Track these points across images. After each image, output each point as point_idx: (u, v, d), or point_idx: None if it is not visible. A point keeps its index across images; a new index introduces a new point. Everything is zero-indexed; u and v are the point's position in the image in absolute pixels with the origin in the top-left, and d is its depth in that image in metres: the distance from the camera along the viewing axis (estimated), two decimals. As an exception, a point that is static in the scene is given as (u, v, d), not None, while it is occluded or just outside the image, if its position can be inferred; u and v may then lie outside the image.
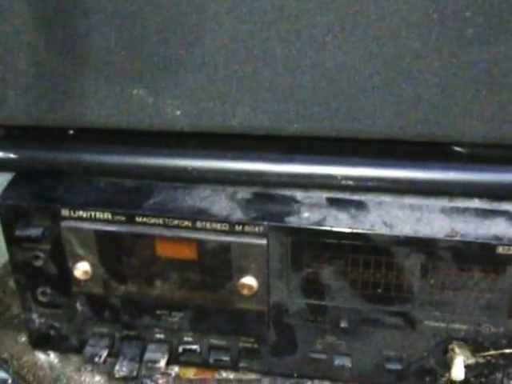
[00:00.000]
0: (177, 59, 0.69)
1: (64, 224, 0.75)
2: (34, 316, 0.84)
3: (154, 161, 0.76)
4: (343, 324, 0.77)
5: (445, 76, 0.67)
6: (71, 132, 0.78)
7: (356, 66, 0.67)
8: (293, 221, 0.72)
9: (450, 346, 0.77)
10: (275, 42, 0.67)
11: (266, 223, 0.72)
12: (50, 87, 0.71)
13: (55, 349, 0.88)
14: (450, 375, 0.78)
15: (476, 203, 0.74)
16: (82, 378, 0.84)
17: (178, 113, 0.72)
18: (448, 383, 0.80)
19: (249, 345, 0.81)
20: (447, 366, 0.79)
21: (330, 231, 0.71)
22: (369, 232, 0.71)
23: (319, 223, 0.72)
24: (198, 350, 0.83)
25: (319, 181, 0.75)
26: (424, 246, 0.70)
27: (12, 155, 0.77)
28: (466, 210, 0.73)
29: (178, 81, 0.70)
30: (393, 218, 0.72)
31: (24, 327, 0.87)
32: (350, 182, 0.74)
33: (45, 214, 0.76)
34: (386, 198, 0.75)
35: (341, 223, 0.72)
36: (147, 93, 0.72)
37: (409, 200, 0.75)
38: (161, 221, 0.74)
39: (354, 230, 0.71)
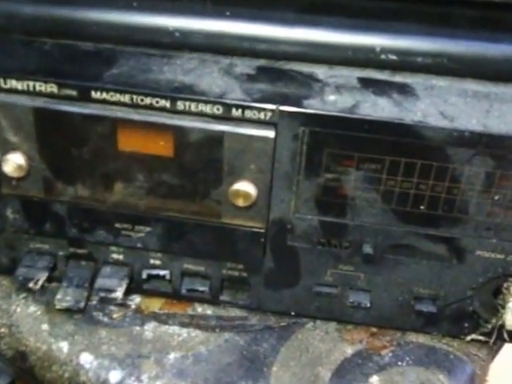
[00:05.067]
0: None
1: None
2: None
3: (120, 16, 0.54)
4: (366, 250, 0.57)
5: None
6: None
7: None
8: (314, 105, 0.51)
9: (505, 285, 0.59)
10: None
11: (275, 107, 0.51)
12: None
13: (-24, 269, 0.66)
14: (497, 321, 0.60)
15: None
16: (12, 307, 0.63)
17: None
18: (494, 331, 0.61)
19: (236, 273, 0.61)
20: (495, 310, 0.61)
21: (366, 121, 0.51)
22: (420, 125, 0.50)
23: (351, 110, 0.51)
24: (168, 276, 0.63)
25: (350, 53, 0.54)
26: (495, 146, 0.51)
27: None
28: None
29: None
30: (452, 108, 0.53)
31: None
32: (393, 57, 0.54)
33: (-38, 82, 0.53)
34: (440, 82, 0.56)
35: (381, 111, 0.51)
36: None
37: (470, 85, 0.55)
38: (127, 98, 0.53)
39: (400, 122, 0.50)
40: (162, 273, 0.63)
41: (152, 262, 0.62)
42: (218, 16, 0.55)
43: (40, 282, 0.62)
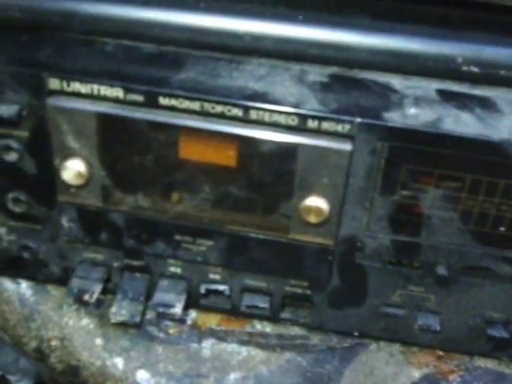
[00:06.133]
0: None
1: (52, 101, 0.52)
2: (2, 231, 0.60)
3: (187, 18, 0.52)
4: (440, 271, 0.54)
5: None
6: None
7: None
8: (395, 118, 0.48)
9: None
10: None
11: (354, 119, 0.48)
12: None
13: (29, 277, 0.64)
14: None
15: None
16: (64, 319, 0.61)
17: None
18: None
19: (299, 290, 0.58)
20: None
21: (451, 137, 0.47)
22: (506, 142, 0.47)
23: (434, 125, 0.47)
24: (227, 291, 0.60)
25: (429, 63, 0.51)
26: None
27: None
28: None
29: None
30: (540, 125, 0.49)
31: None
32: (475, 69, 0.50)
33: (23, 85, 0.52)
34: None
35: (465, 127, 0.48)
36: None
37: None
38: (197, 105, 0.50)
39: (485, 139, 0.47)
40: (221, 288, 0.60)
41: (211, 276, 0.60)
42: (291, 20, 0.53)
43: (95, 295, 0.59)
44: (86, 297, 0.59)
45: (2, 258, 0.62)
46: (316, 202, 0.52)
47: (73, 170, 0.54)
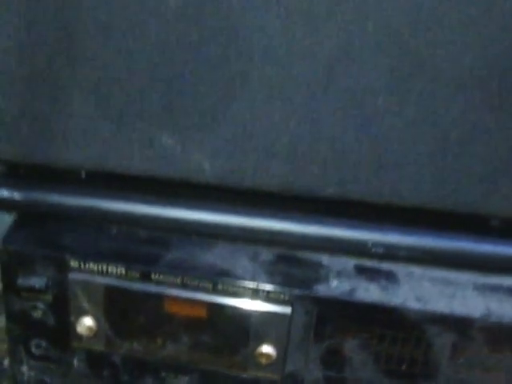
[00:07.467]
0: (213, 109, 0.64)
1: (72, 276, 0.70)
2: (24, 369, 0.77)
3: (172, 212, 0.71)
4: (361, 398, 0.72)
5: (489, 150, 0.64)
6: (83, 174, 0.72)
7: (402, 133, 0.64)
8: (321, 290, 0.68)
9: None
10: (321, 101, 0.63)
11: (292, 290, 0.67)
12: (63, 125, 0.66)
13: (43, 404, 0.80)
14: None
15: (510, 281, 0.70)
16: None
17: (207, 166, 0.67)
18: None
19: (255, 412, 0.76)
20: None
21: (361, 304, 0.67)
22: (401, 307, 0.66)
23: (350, 294, 0.67)
24: (200, 415, 0.77)
25: (348, 246, 0.70)
26: (458, 325, 0.67)
27: (16, 195, 0.71)
28: (500, 288, 0.70)
29: (211, 131, 0.65)
30: (425, 293, 0.68)
31: (7, 377, 0.79)
32: (381, 250, 0.69)
33: (51, 264, 0.70)
34: (417, 269, 0.71)
35: (372, 295, 0.67)
36: (176, 141, 0.66)
37: (440, 273, 0.71)
38: (179, 280, 0.68)
39: (386, 305, 0.67)
40: (195, 412, 0.78)
41: (188, 402, 0.77)
42: (246, 214, 0.71)
43: (98, 419, 0.76)
44: (91, 421, 0.76)
45: (22, 389, 0.80)
46: (266, 349, 0.70)
47: (85, 325, 0.72)
